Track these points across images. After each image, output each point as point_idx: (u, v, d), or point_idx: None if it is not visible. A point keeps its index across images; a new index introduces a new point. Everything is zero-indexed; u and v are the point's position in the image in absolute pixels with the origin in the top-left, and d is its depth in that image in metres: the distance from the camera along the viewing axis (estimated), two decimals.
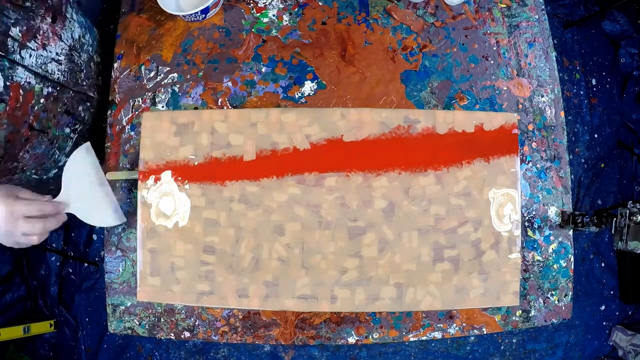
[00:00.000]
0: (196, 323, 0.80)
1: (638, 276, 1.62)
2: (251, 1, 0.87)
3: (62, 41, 0.76)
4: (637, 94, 1.70)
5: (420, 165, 0.79)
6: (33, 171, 0.80)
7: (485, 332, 0.81)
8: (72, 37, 0.79)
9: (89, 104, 0.86)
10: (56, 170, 0.86)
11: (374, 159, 0.79)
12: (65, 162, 0.74)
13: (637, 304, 1.68)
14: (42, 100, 0.72)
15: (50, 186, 0.91)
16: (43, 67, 0.71)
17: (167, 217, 0.79)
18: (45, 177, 0.85)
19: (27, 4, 0.66)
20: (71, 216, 0.72)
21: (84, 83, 0.84)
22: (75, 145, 0.85)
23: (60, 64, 0.76)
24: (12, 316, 1.56)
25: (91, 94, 0.86)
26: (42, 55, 0.71)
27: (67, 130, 0.82)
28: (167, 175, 0.80)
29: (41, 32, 0.70)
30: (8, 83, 0.63)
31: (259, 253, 0.78)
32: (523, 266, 0.81)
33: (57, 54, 0.75)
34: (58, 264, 1.60)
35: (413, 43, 0.85)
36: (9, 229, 0.61)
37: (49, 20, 0.72)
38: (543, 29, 0.87)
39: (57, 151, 0.82)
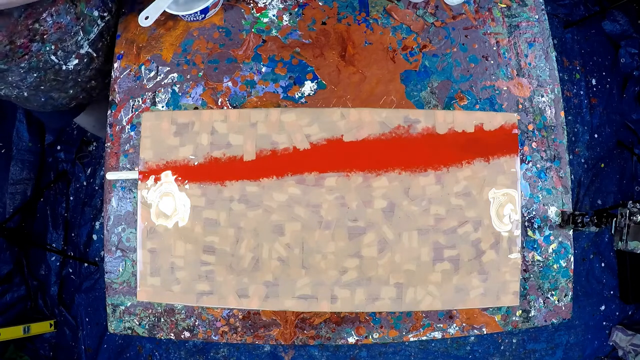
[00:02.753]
0: (196, 323, 0.80)
1: (638, 276, 1.62)
2: (251, 1, 0.87)
3: None
4: (637, 94, 1.70)
5: (420, 165, 0.79)
6: (52, 47, 0.77)
7: (485, 332, 0.81)
8: None
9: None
10: (77, 61, 0.83)
11: (374, 159, 0.79)
12: (87, 51, 0.74)
13: (637, 304, 1.68)
14: None
15: (69, 89, 0.88)
16: None
17: (167, 217, 0.79)
18: (65, 66, 0.82)
19: None
20: (71, 216, 0.72)
21: None
22: (100, 36, 0.84)
23: None
24: (12, 316, 1.56)
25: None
26: None
27: (96, 13, 0.81)
28: (167, 175, 0.80)
29: None
30: None
31: (259, 253, 0.78)
32: (523, 266, 0.81)
33: None
34: (58, 264, 1.60)
35: (413, 43, 0.85)
36: None
37: None
38: (543, 29, 0.87)
39: (81, 32, 0.80)
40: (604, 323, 1.68)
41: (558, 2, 1.69)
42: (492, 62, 0.85)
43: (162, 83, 0.84)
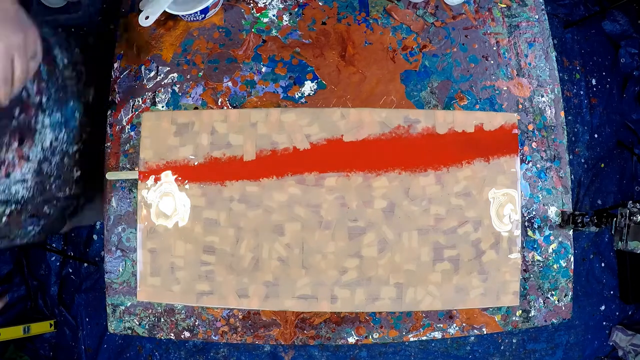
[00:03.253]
0: (196, 323, 0.80)
1: (638, 276, 1.62)
2: (251, 1, 0.87)
3: (29, 161, 0.68)
4: (637, 94, 1.70)
5: (420, 165, 0.79)
6: None
7: (485, 332, 0.81)
8: (42, 148, 0.71)
9: (56, 202, 0.78)
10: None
11: (374, 159, 0.79)
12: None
13: (637, 304, 1.68)
14: (3, 219, 0.68)
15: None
16: (6, 191, 0.66)
17: (167, 217, 0.79)
18: None
19: None
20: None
21: (54, 186, 0.76)
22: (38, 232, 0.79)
23: (26, 182, 0.69)
24: (12, 316, 1.56)
25: (60, 194, 0.78)
26: (4, 183, 0.66)
27: (30, 228, 0.75)
28: (167, 175, 0.80)
29: (6, 162, 0.64)
30: None
31: (259, 253, 0.78)
32: (523, 266, 0.81)
33: (22, 174, 0.68)
34: (58, 264, 1.60)
35: (413, 43, 0.85)
36: None
37: (15, 145, 0.65)
38: (543, 29, 0.87)
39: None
40: (604, 323, 1.68)
41: (558, 2, 1.69)
42: (492, 62, 0.85)
43: (162, 83, 0.84)
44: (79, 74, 0.79)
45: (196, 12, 0.81)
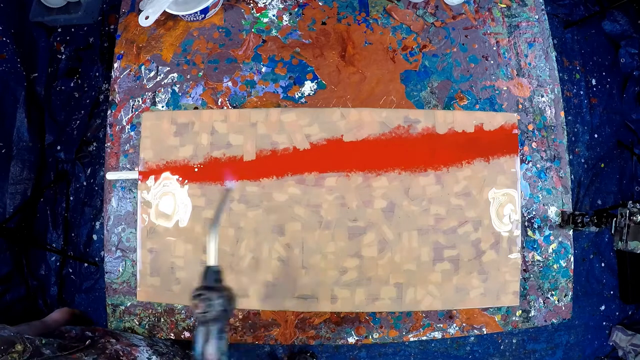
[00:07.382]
0: (196, 323, 0.80)
1: (638, 276, 1.62)
2: (251, 1, 0.86)
3: None
4: (637, 94, 1.70)
5: (420, 165, 0.79)
6: None
7: (485, 332, 0.81)
8: None
9: None
10: None
11: (374, 159, 0.79)
12: None
13: (637, 304, 1.68)
14: None
15: None
16: None
17: (167, 217, 0.79)
18: None
19: None
20: (71, 216, 0.71)
21: None
22: None
23: None
24: (12, 316, 1.56)
25: None
26: None
27: None
28: (167, 175, 0.80)
29: None
30: None
31: (258, 253, 0.78)
32: (523, 266, 0.81)
33: None
34: (58, 264, 1.60)
35: (413, 43, 0.85)
36: None
37: None
38: (543, 29, 0.87)
39: None
40: (604, 323, 1.68)
41: (558, 2, 1.69)
42: (492, 62, 0.85)
43: (162, 83, 0.84)
44: None
45: (196, 12, 0.81)
